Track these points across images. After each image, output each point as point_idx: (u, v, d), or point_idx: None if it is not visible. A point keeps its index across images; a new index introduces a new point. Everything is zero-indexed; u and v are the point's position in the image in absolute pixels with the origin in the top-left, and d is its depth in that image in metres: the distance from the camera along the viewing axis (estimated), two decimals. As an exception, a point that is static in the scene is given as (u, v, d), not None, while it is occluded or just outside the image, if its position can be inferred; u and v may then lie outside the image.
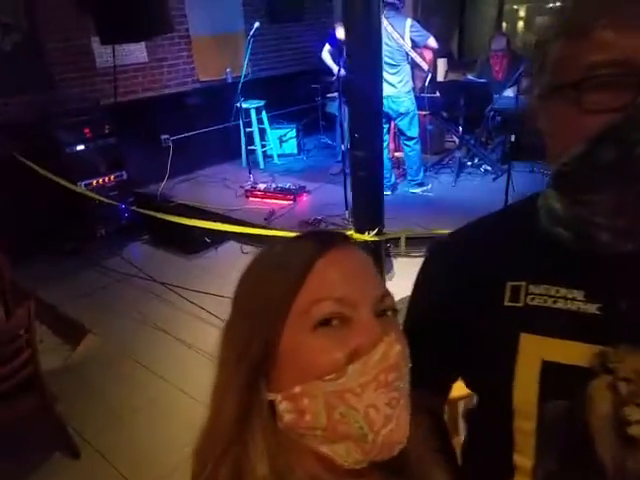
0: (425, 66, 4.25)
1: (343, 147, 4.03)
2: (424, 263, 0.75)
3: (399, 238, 2.50)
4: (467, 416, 0.80)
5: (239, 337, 0.53)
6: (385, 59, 4.20)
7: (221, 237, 4.00)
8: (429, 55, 4.32)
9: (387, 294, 0.54)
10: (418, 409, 0.77)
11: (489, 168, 4.71)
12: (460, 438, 1.23)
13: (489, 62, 4.88)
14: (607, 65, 0.50)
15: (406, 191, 4.42)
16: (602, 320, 0.57)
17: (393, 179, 4.46)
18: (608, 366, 0.56)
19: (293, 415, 0.49)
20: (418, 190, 4.37)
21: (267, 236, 3.36)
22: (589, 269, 0.58)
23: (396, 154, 4.77)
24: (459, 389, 0.81)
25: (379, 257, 2.49)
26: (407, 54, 4.08)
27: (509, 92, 4.49)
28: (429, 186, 4.42)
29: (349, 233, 2.41)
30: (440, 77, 5.73)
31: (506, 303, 0.62)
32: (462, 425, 0.81)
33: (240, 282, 0.56)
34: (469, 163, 4.82)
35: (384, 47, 4.27)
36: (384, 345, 0.49)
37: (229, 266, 3.68)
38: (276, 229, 3.64)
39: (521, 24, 6.45)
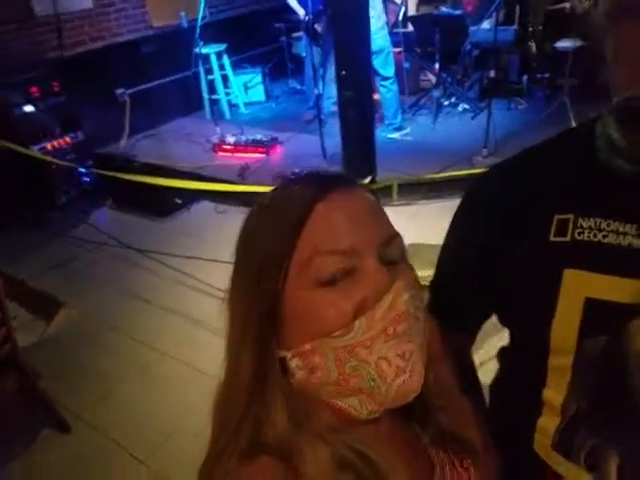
0: (397, -1, 4.14)
1: (316, 91, 3.95)
2: (463, 200, 0.74)
3: (390, 187, 2.48)
4: (501, 355, 0.80)
5: (243, 293, 0.53)
6: (354, -7, 4.09)
7: (192, 197, 3.94)
8: (401, -14, 4.21)
9: (395, 235, 0.53)
10: (446, 349, 0.79)
11: (467, 107, 4.71)
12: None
13: (460, -8, 4.79)
14: None
15: (384, 137, 4.39)
16: None
17: (369, 124, 4.43)
18: None
19: (304, 372, 0.50)
20: (396, 135, 4.35)
21: (242, 193, 3.33)
22: None
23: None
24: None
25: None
26: (378, -14, 3.96)
27: (486, 24, 4.43)
28: (408, 129, 4.40)
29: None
30: (412, 11, 5.59)
31: (552, 238, 0.61)
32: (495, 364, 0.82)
33: (240, 232, 0.55)
34: (446, 102, 4.81)
35: (352, -21, 4.15)
36: (391, 294, 0.48)
37: (204, 227, 3.65)
38: (252, 184, 3.60)
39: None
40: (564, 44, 4.40)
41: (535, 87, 4.87)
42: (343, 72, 2.01)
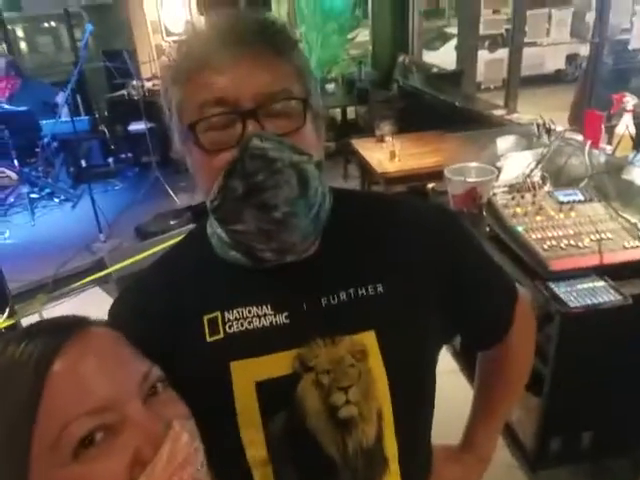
0: None
1: None
2: (111, 314, 0.71)
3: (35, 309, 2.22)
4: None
5: None
6: None
7: None
8: None
9: (151, 366, 0.50)
10: None
11: (63, 197, 4.67)
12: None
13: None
14: (212, 103, 0.57)
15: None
16: (291, 326, 0.64)
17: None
18: (308, 365, 0.63)
19: None
20: None
21: None
22: (269, 284, 0.66)
23: None
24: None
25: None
26: None
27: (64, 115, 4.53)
28: (6, 233, 4.03)
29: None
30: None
31: (208, 339, 0.64)
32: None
33: None
34: (37, 196, 4.63)
35: None
36: (169, 442, 0.44)
37: None
38: None
39: (23, 45, 6.39)
40: (136, 126, 4.94)
41: (123, 167, 5.25)
42: None
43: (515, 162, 2.18)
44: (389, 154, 3.06)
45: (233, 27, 0.59)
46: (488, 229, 1.93)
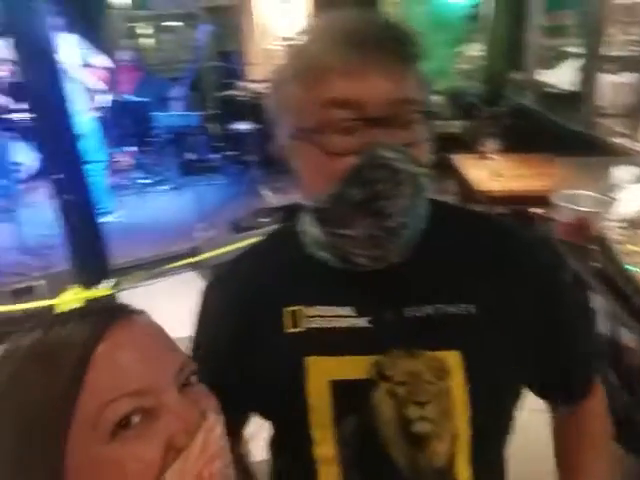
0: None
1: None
2: (204, 298, 0.75)
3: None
4: (271, 446, 0.78)
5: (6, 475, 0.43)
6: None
7: None
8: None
9: (187, 358, 0.51)
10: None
11: (170, 186, 4.98)
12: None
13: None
14: (336, 105, 0.57)
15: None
16: (373, 332, 0.63)
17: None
18: (385, 373, 0.62)
19: None
20: (109, 219, 4.20)
21: None
22: (355, 286, 0.65)
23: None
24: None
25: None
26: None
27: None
28: (117, 213, 4.35)
29: (74, 291, 2.21)
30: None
31: (286, 330, 0.65)
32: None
33: None
34: (147, 182, 5.01)
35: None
36: (203, 433, 0.45)
37: None
38: None
39: (147, 41, 6.84)
40: (242, 126, 5.13)
41: (227, 163, 5.49)
42: (62, 175, 2.00)
43: (634, 195, 2.01)
44: (492, 173, 2.94)
45: (360, 29, 0.58)
46: (595, 264, 1.80)
